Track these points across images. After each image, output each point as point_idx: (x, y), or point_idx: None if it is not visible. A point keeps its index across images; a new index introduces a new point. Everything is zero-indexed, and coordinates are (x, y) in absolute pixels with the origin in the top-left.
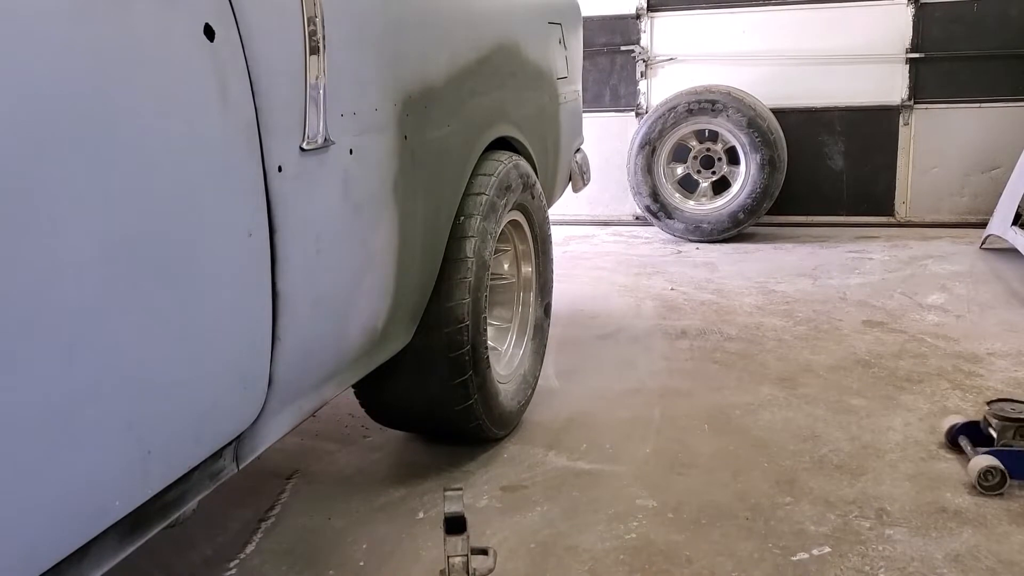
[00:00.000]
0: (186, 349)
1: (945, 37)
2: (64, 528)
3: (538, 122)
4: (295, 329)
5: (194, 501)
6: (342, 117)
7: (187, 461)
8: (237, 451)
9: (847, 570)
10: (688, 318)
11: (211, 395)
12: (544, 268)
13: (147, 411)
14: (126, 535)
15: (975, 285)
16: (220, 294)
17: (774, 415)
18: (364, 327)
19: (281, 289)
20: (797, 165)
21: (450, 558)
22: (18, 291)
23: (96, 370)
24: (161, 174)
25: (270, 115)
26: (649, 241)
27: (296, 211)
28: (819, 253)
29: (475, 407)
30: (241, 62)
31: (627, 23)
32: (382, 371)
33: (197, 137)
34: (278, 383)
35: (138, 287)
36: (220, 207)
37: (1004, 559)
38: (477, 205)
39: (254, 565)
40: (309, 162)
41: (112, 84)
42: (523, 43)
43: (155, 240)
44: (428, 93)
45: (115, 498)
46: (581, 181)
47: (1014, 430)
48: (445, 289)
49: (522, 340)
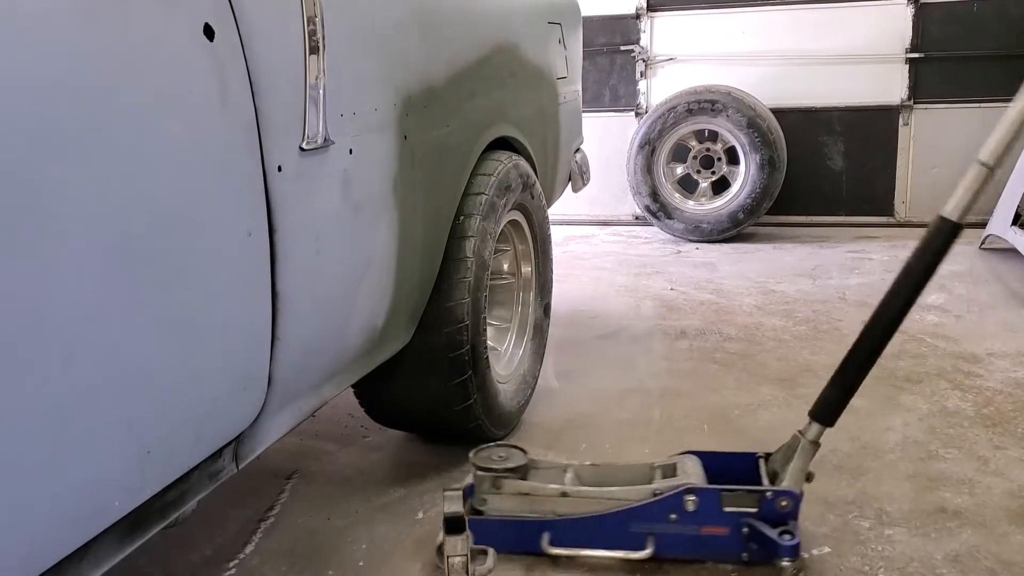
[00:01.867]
0: (186, 349)
1: (945, 37)
2: (64, 528)
3: (538, 122)
4: (295, 329)
5: (194, 501)
6: (342, 117)
7: (187, 461)
8: (237, 451)
9: (846, 570)
10: (688, 318)
11: (211, 395)
12: (544, 268)
13: (147, 411)
14: (126, 535)
15: (975, 285)
16: (220, 294)
17: (773, 415)
18: (364, 327)
19: (281, 289)
20: (797, 165)
21: (450, 558)
22: (18, 291)
23: (95, 369)
24: (160, 173)
25: (270, 115)
26: (649, 241)
27: (296, 211)
28: (819, 253)
29: (475, 407)
30: (241, 62)
31: (627, 23)
32: (382, 371)
33: (196, 136)
34: (278, 383)
35: (137, 286)
36: (220, 207)
37: (1004, 559)
38: (477, 205)
39: (253, 565)
40: (309, 162)
41: (111, 84)
42: (522, 43)
43: (154, 239)
44: (428, 93)
45: (114, 498)
46: (581, 181)
47: (490, 481)
48: (445, 289)
49: (522, 340)
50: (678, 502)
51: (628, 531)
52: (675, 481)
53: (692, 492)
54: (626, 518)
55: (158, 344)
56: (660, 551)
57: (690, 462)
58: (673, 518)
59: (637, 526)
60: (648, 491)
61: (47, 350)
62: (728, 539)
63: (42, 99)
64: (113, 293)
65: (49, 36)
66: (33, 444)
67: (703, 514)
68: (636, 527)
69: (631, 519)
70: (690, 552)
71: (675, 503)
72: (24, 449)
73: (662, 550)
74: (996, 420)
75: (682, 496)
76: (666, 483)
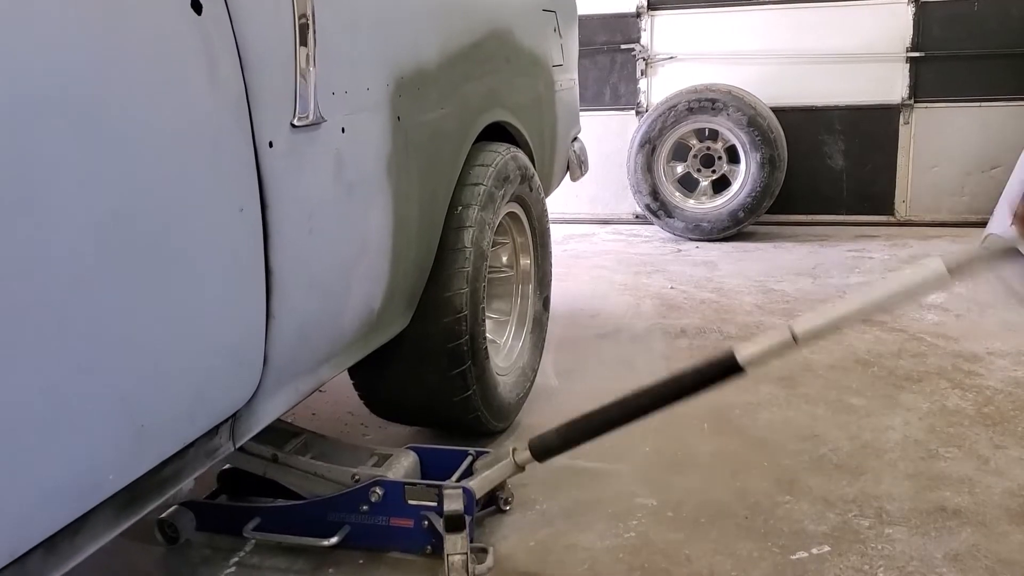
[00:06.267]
0: (177, 324)
1: (945, 36)
2: (57, 500)
3: (534, 108)
4: (289, 307)
5: (190, 478)
6: (333, 95)
7: (182, 437)
8: (234, 429)
9: (846, 569)
10: (688, 317)
11: (204, 371)
12: (543, 261)
13: (139, 385)
14: (122, 510)
15: (975, 284)
16: (211, 269)
17: (773, 414)
18: (360, 309)
19: (274, 266)
20: (797, 164)
21: (450, 556)
22: (9, 266)
23: (86, 344)
24: (149, 148)
25: (260, 90)
26: (649, 240)
27: (288, 188)
28: (819, 252)
29: (473, 398)
30: (229, 36)
31: (627, 21)
32: (381, 362)
33: (185, 111)
34: (273, 361)
35: (128, 261)
36: (210, 182)
37: (1003, 559)
38: (475, 195)
39: (254, 563)
40: (300, 139)
41: (97, 58)
42: (517, 29)
43: (144, 213)
44: (421, 75)
45: (109, 471)
46: (579, 170)
47: None
48: (443, 279)
49: (521, 333)
50: (365, 494)
51: (327, 520)
52: (375, 471)
53: (379, 484)
54: (324, 508)
55: (148, 319)
56: (353, 540)
57: (405, 456)
58: (364, 509)
59: (334, 515)
60: (348, 474)
61: (38, 325)
62: (413, 531)
63: (28, 75)
64: (103, 268)
65: (34, 9)
66: (23, 415)
67: (390, 506)
68: (333, 516)
69: (328, 509)
70: (381, 543)
71: (364, 495)
72: (14, 421)
73: (355, 540)
74: (996, 419)
75: (369, 488)
76: (365, 470)
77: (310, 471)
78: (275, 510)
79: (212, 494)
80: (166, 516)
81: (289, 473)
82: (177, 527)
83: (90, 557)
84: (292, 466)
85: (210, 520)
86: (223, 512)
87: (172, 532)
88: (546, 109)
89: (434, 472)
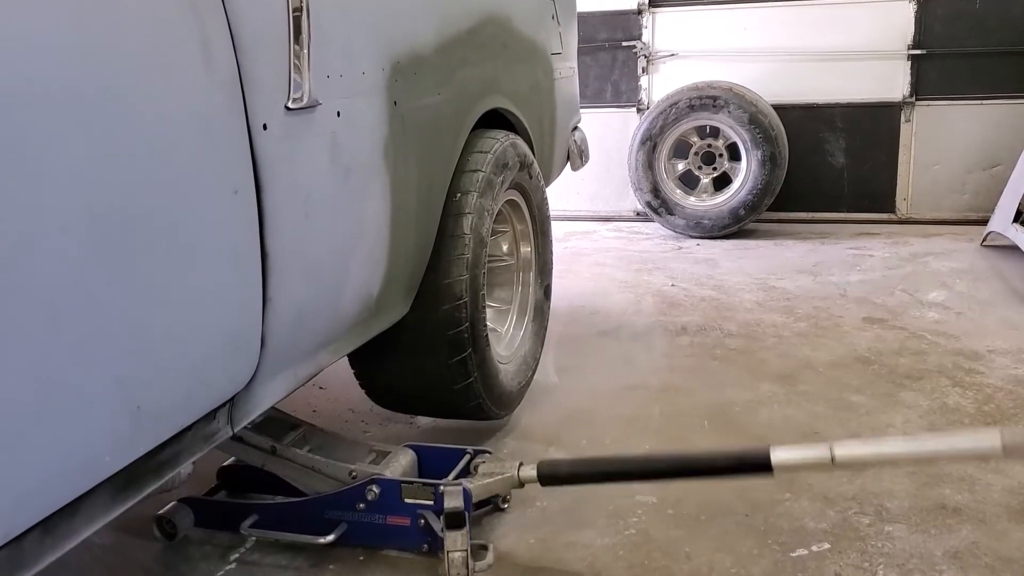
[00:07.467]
0: (172, 306)
1: (947, 34)
2: (53, 481)
3: (533, 96)
4: (286, 290)
5: (188, 462)
6: (328, 79)
7: (179, 420)
8: (232, 413)
9: (846, 566)
10: (688, 314)
11: (201, 354)
12: (543, 249)
13: (135, 367)
14: (119, 492)
15: (976, 282)
16: (206, 251)
17: (774, 412)
18: (358, 294)
19: (270, 249)
20: (798, 161)
21: (450, 553)
22: (4, 250)
23: (82, 326)
24: (143, 130)
25: (253, 72)
26: (650, 237)
27: (283, 171)
28: (820, 250)
29: (475, 385)
30: (222, 17)
31: (628, 19)
32: (381, 350)
33: (179, 93)
34: (271, 345)
35: (123, 243)
36: (205, 164)
37: (1003, 556)
38: (474, 182)
39: (254, 559)
40: (295, 121)
41: (89, 41)
42: (515, 16)
43: (138, 196)
44: (417, 60)
45: (105, 453)
46: (580, 160)
47: None
48: (443, 266)
49: (522, 321)
50: (362, 492)
51: (324, 517)
52: (372, 468)
53: (375, 483)
54: (321, 506)
55: (143, 300)
56: (350, 538)
57: (403, 453)
58: (361, 507)
59: (331, 513)
60: (346, 471)
61: (33, 309)
62: (410, 529)
63: (22, 59)
64: (97, 252)
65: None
66: (19, 396)
67: (387, 504)
68: (330, 514)
69: (325, 507)
70: (378, 541)
71: (360, 493)
72: (10, 402)
73: (352, 537)
74: (997, 417)
75: (366, 486)
76: (363, 467)
77: (308, 465)
78: (272, 507)
79: (211, 490)
80: (164, 512)
81: (287, 467)
82: (175, 523)
83: (89, 553)
84: (290, 459)
85: (208, 516)
86: (221, 508)
87: (170, 528)
88: (545, 97)
89: (432, 470)
